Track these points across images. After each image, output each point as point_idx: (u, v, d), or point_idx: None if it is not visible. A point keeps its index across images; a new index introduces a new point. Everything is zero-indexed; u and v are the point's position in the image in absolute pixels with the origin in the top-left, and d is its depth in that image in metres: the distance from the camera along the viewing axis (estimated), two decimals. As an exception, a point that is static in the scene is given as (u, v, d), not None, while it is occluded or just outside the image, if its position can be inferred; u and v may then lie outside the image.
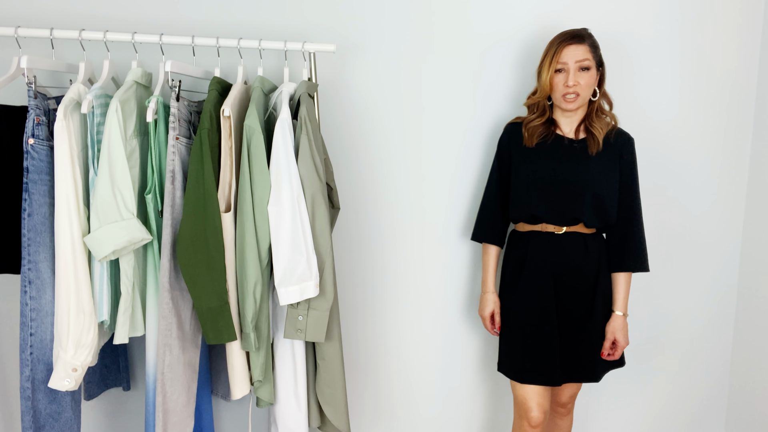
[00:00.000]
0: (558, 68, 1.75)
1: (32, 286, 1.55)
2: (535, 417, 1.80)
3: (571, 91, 1.74)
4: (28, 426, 1.57)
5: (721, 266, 2.27)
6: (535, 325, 1.80)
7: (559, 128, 1.84)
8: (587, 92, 1.76)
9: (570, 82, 1.73)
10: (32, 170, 1.53)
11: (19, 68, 1.58)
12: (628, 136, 1.83)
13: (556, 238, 1.81)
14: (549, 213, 1.79)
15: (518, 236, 1.90)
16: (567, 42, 1.74)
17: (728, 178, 2.22)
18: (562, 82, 1.75)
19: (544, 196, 1.79)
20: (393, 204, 2.14)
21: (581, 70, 1.74)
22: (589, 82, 1.75)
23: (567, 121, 1.84)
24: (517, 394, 1.84)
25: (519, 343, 1.83)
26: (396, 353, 2.23)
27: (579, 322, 1.81)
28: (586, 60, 1.73)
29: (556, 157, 1.80)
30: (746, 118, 2.20)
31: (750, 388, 2.24)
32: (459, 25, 2.06)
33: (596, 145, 1.78)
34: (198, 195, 1.53)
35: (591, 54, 1.75)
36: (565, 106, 1.77)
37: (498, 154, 1.95)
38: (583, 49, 1.74)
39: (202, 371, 1.88)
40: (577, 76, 1.73)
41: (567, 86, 1.74)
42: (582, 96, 1.76)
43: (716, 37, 2.14)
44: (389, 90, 2.08)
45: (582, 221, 1.79)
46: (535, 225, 1.84)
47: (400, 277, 2.18)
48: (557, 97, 1.78)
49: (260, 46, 1.76)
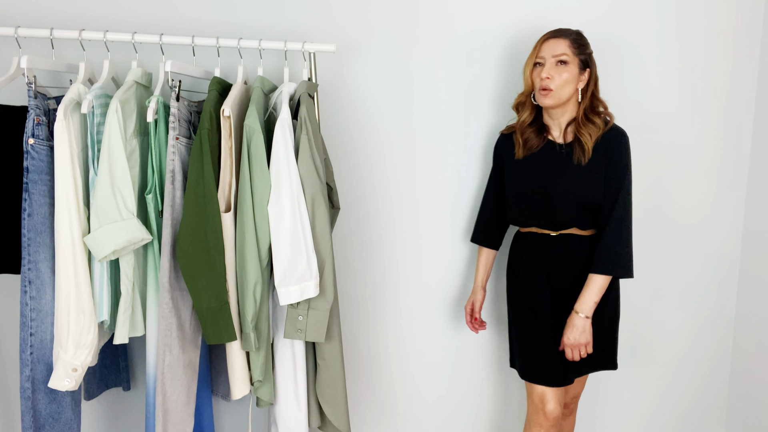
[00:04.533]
0: (537, 62, 1.73)
1: (32, 286, 1.55)
2: (551, 410, 1.78)
3: (543, 85, 1.70)
4: (28, 426, 1.57)
5: (721, 266, 2.27)
6: (530, 325, 1.81)
7: (550, 133, 1.81)
8: (564, 90, 1.70)
9: (543, 74, 1.69)
10: (32, 170, 1.53)
11: (19, 68, 1.58)
12: (617, 131, 1.74)
13: (551, 239, 1.80)
14: (538, 220, 1.79)
15: (518, 236, 1.91)
16: (548, 36, 1.73)
17: (728, 177, 2.22)
18: (538, 75, 1.72)
19: (530, 205, 1.79)
20: (393, 204, 2.14)
21: (558, 64, 1.69)
22: (565, 78, 1.69)
23: (554, 123, 1.80)
24: (534, 388, 1.82)
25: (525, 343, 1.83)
26: (396, 353, 2.23)
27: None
28: (564, 54, 1.69)
29: (543, 166, 1.77)
30: (746, 117, 2.20)
31: (750, 388, 2.24)
32: (459, 25, 2.07)
33: (584, 154, 1.71)
34: (198, 195, 1.53)
35: (572, 50, 1.69)
36: (540, 101, 1.73)
37: (494, 161, 1.96)
38: (563, 44, 1.69)
39: (202, 371, 1.88)
40: (551, 70, 1.69)
41: (541, 79, 1.71)
42: (555, 92, 1.70)
43: (716, 36, 2.14)
44: (389, 90, 2.08)
45: (574, 226, 1.77)
46: (531, 227, 1.85)
47: (400, 276, 2.18)
48: (536, 93, 1.75)
49: (260, 46, 1.76)
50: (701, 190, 2.22)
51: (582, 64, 1.72)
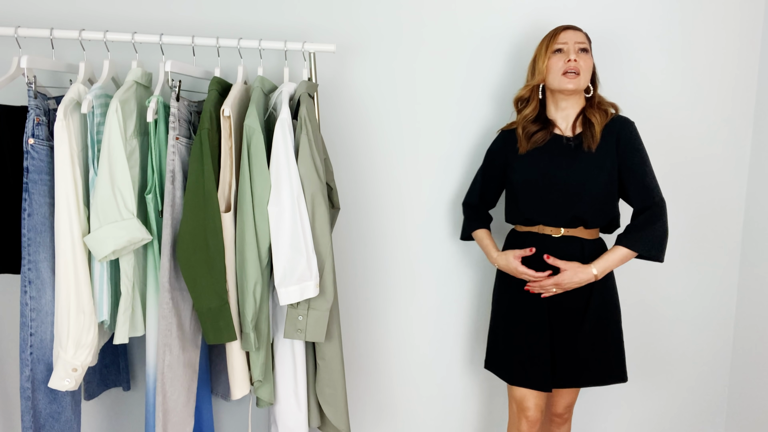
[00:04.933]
0: (557, 48, 1.71)
1: (32, 286, 1.55)
2: (532, 415, 1.79)
3: (572, 68, 1.67)
4: (28, 426, 1.57)
5: (721, 266, 2.27)
6: (525, 329, 1.76)
7: (557, 127, 1.77)
8: (585, 75, 1.69)
9: (572, 57, 1.67)
10: (32, 170, 1.53)
11: (19, 68, 1.58)
12: (625, 119, 1.74)
13: (553, 241, 1.75)
14: (545, 216, 1.74)
15: (515, 235, 1.85)
16: (565, 28, 1.72)
17: (729, 176, 2.22)
18: (563, 60, 1.69)
19: (538, 199, 1.74)
20: (393, 204, 2.14)
21: (581, 51, 1.69)
22: (588, 64, 1.70)
23: (562, 115, 1.76)
24: (513, 392, 1.82)
25: (509, 343, 1.79)
26: (396, 353, 2.23)
27: (572, 328, 1.74)
28: (584, 43, 1.70)
29: (549, 157, 1.73)
30: (747, 114, 2.19)
31: (750, 388, 2.24)
32: (460, 24, 2.07)
33: (594, 139, 1.70)
34: (198, 195, 1.53)
35: (588, 42, 1.72)
36: (565, 85, 1.68)
37: (489, 158, 1.91)
38: (581, 34, 1.71)
39: (202, 371, 1.88)
40: (578, 55, 1.68)
41: (568, 62, 1.67)
42: (582, 77, 1.69)
43: (716, 35, 2.13)
44: (389, 90, 2.08)
45: (583, 222, 1.73)
46: (531, 227, 1.79)
47: (401, 276, 2.18)
48: (555, 79, 1.70)
49: (260, 46, 1.76)
50: (701, 189, 2.22)
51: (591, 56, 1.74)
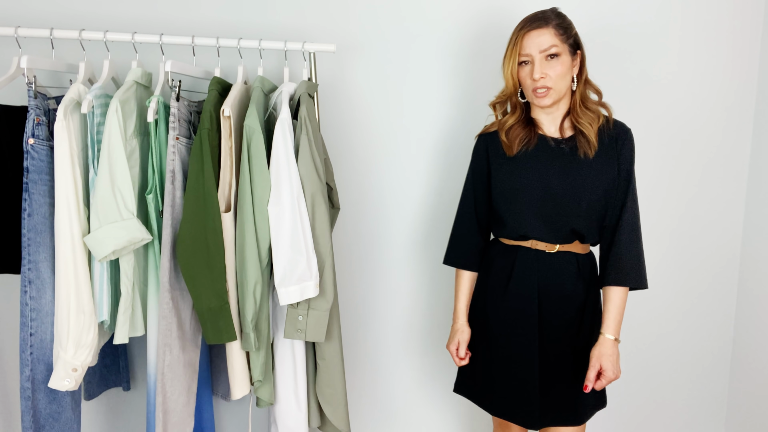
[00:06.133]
0: (522, 60, 1.51)
1: (32, 286, 1.56)
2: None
3: (539, 86, 1.49)
4: (28, 426, 1.57)
5: (721, 266, 2.27)
6: (514, 356, 1.58)
7: (541, 128, 1.59)
8: (561, 83, 1.50)
9: (536, 75, 1.47)
10: (32, 170, 1.53)
11: (19, 68, 1.58)
12: (626, 127, 1.58)
13: (547, 257, 1.57)
14: (540, 231, 1.55)
15: (503, 247, 1.64)
16: (527, 28, 1.49)
17: (728, 177, 2.22)
18: (529, 76, 1.50)
19: (532, 211, 1.55)
20: (393, 204, 2.14)
21: (549, 58, 1.48)
22: (560, 72, 1.48)
23: (549, 119, 1.58)
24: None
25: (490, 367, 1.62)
26: (396, 353, 2.23)
27: (562, 355, 1.57)
28: (553, 47, 1.47)
29: (543, 164, 1.55)
30: (746, 116, 2.19)
31: (750, 388, 2.24)
32: (461, 24, 2.07)
33: (590, 146, 1.52)
34: (198, 195, 1.53)
35: (559, 38, 1.48)
36: (538, 102, 1.51)
37: (472, 167, 1.70)
38: (547, 34, 1.47)
39: (202, 371, 1.88)
40: (544, 67, 1.47)
41: (534, 80, 1.49)
42: (556, 89, 1.49)
43: (716, 34, 2.13)
44: (390, 90, 2.08)
45: (580, 236, 1.56)
46: (523, 241, 1.60)
47: (401, 276, 2.18)
48: (528, 93, 1.53)
49: (260, 46, 1.76)
50: (701, 189, 2.22)
51: (572, 49, 1.52)
